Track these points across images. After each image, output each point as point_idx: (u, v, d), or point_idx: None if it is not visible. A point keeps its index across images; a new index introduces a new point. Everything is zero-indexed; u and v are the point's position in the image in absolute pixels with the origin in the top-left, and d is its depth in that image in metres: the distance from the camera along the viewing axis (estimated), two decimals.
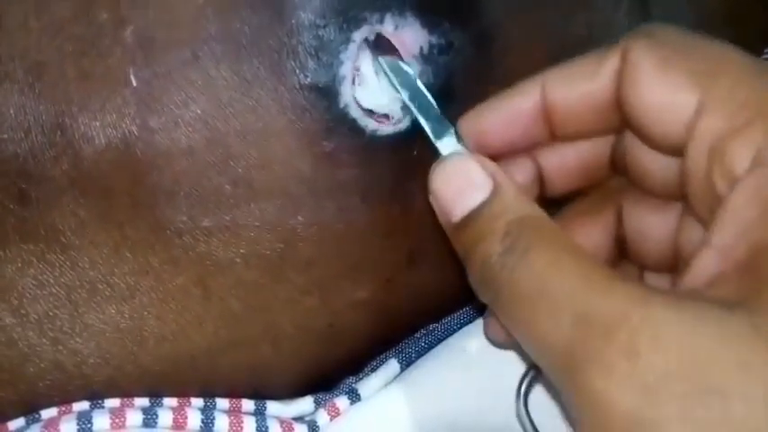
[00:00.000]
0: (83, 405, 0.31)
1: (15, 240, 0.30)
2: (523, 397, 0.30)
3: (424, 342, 0.34)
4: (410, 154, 0.31)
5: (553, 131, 0.30)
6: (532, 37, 0.33)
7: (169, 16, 0.29)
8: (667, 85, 0.26)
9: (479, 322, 0.34)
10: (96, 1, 0.29)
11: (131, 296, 0.31)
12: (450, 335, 0.35)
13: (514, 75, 0.30)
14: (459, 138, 0.29)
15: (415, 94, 0.30)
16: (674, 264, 0.30)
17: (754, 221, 0.24)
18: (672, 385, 0.22)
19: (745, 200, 0.24)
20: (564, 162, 0.31)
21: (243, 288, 0.31)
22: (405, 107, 0.30)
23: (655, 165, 0.29)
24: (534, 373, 0.30)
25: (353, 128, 0.30)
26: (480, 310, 0.35)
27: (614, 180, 0.31)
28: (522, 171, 0.31)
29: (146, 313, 0.31)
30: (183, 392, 0.32)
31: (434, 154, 0.29)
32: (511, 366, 0.32)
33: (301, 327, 0.32)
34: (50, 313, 0.30)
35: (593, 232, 0.31)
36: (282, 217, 0.30)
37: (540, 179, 0.31)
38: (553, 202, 0.31)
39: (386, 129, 0.31)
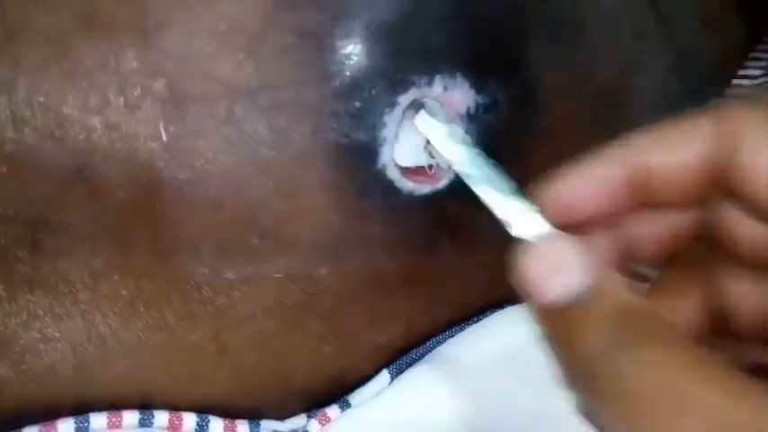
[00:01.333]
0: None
1: (23, 290, 0.28)
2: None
3: (415, 354, 0.35)
4: (443, 211, 0.31)
5: (641, 200, 0.28)
6: (568, 82, 0.32)
7: (206, 69, 0.26)
8: None
9: (466, 333, 0.35)
10: (125, 49, 0.26)
11: (142, 351, 0.30)
12: (441, 344, 0.35)
13: (555, 124, 0.30)
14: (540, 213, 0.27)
15: (485, 172, 0.27)
16: None
17: None
18: None
19: None
20: (654, 232, 0.29)
21: (260, 339, 0.30)
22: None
23: (756, 235, 0.27)
24: None
25: (389, 188, 0.29)
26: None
27: (700, 251, 0.29)
28: (609, 245, 0.28)
29: (156, 369, 0.30)
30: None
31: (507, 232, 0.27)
32: (496, 373, 0.33)
33: (314, 373, 0.32)
34: (53, 368, 0.29)
35: (684, 308, 0.29)
36: (307, 268, 0.29)
37: (627, 252, 0.29)
38: None
39: (423, 189, 0.30)
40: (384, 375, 0.34)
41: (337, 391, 0.34)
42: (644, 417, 0.22)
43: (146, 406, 0.31)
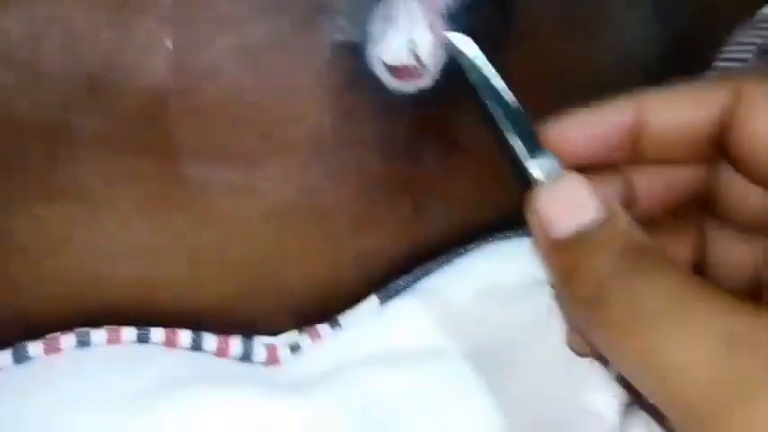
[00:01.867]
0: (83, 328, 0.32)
1: (39, 197, 0.30)
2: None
3: (403, 282, 0.36)
4: (428, 112, 0.32)
5: (640, 153, 0.29)
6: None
7: None
8: None
9: (454, 266, 0.36)
10: None
11: (149, 252, 0.31)
12: (428, 275, 0.36)
13: (533, 26, 0.31)
14: (552, 155, 0.28)
15: (508, 110, 0.29)
16: (753, 293, 0.29)
17: None
18: None
19: None
20: (654, 184, 0.31)
21: (258, 242, 0.32)
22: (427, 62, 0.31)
23: (750, 197, 0.29)
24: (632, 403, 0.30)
25: (378, 85, 0.30)
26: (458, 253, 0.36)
27: (696, 206, 0.31)
28: (612, 187, 0.30)
29: (162, 268, 0.32)
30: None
31: (521, 171, 0.29)
32: (485, 298, 0.34)
33: (308, 278, 0.33)
34: (67, 271, 0.31)
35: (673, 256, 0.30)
36: (303, 171, 0.31)
37: (630, 199, 0.30)
38: None
39: (409, 87, 0.31)
40: (373, 299, 0.35)
41: (326, 310, 0.35)
42: (651, 330, 0.23)
43: (148, 313, 0.32)
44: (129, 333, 0.32)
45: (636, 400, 0.32)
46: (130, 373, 0.31)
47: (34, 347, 0.31)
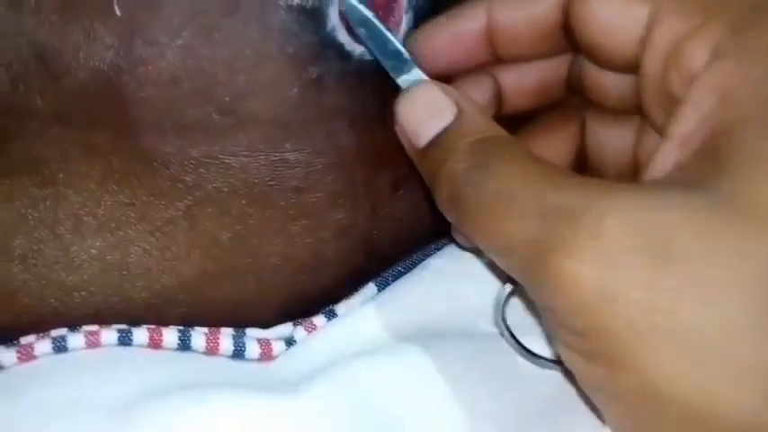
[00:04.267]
0: (60, 331, 0.32)
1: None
2: (501, 307, 0.32)
3: (402, 267, 0.35)
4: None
5: (498, 55, 0.31)
6: None
7: None
8: (616, 1, 0.28)
9: (452, 246, 0.36)
10: None
11: (117, 228, 0.31)
12: (426, 259, 0.36)
13: None
14: (421, 68, 0.31)
15: (372, 30, 0.30)
16: (634, 177, 0.31)
17: (711, 110, 0.26)
18: (636, 257, 0.23)
19: (703, 92, 0.26)
20: (522, 80, 0.32)
21: (230, 218, 0.31)
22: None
23: (609, 82, 0.30)
24: (513, 287, 0.32)
25: (341, 53, 0.30)
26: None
27: (575, 98, 0.33)
28: (481, 89, 0.32)
29: (132, 245, 0.31)
30: (165, 326, 0.32)
31: (397, 88, 0.31)
32: (482, 277, 0.34)
33: (286, 256, 0.32)
34: (35, 247, 0.30)
35: (554, 147, 0.33)
36: (271, 145, 0.30)
37: (499, 97, 0.32)
38: (513, 119, 0.32)
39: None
40: (371, 287, 0.35)
41: (316, 287, 0.34)
42: (491, 218, 0.26)
43: (114, 296, 0.31)
44: (109, 336, 0.31)
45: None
46: (112, 379, 0.30)
47: (6, 355, 0.30)
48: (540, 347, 0.33)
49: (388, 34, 0.31)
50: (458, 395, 0.31)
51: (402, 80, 0.31)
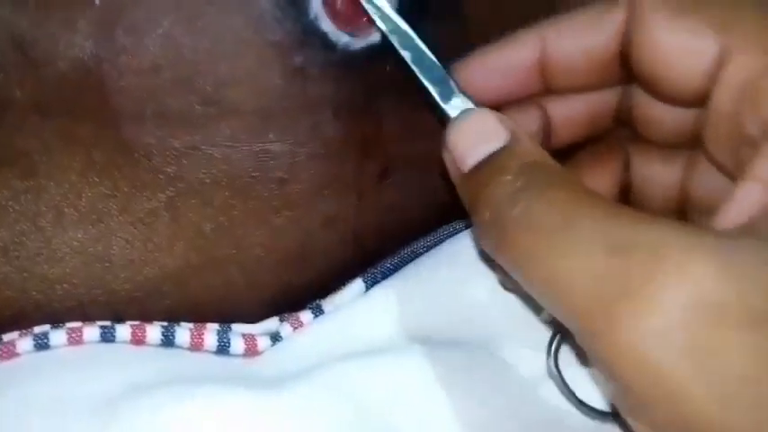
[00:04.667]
0: (44, 327, 0.31)
1: None
2: (554, 354, 0.30)
3: (390, 264, 0.35)
4: (383, 69, 0.31)
5: (550, 85, 0.30)
6: None
7: None
8: (684, 32, 0.27)
9: (447, 245, 0.35)
10: None
11: (99, 220, 0.30)
12: (417, 257, 0.35)
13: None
14: (468, 96, 0.30)
15: (418, 55, 0.30)
16: (680, 212, 0.30)
17: None
18: (729, 313, 0.21)
19: None
20: (571, 112, 0.31)
21: (213, 209, 0.31)
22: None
23: (664, 116, 0.29)
24: (563, 332, 0.31)
25: (325, 42, 0.30)
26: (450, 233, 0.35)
27: (621, 130, 0.32)
28: (529, 120, 0.31)
29: (114, 237, 0.31)
30: (149, 320, 0.32)
31: (442, 115, 0.30)
32: (474, 276, 0.33)
33: (271, 247, 0.32)
34: (16, 239, 0.30)
35: (598, 180, 0.32)
36: (253, 135, 0.30)
37: (547, 128, 0.31)
38: (558, 153, 0.31)
39: (358, 42, 0.31)
40: (358, 283, 0.35)
41: (302, 279, 0.34)
42: (542, 249, 0.24)
43: (96, 288, 0.31)
44: (91, 332, 0.31)
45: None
46: (94, 377, 0.30)
47: None
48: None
49: (434, 59, 0.30)
50: (446, 398, 0.31)
51: (449, 107, 0.30)
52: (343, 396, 0.30)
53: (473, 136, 0.28)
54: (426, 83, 0.30)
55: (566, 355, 0.31)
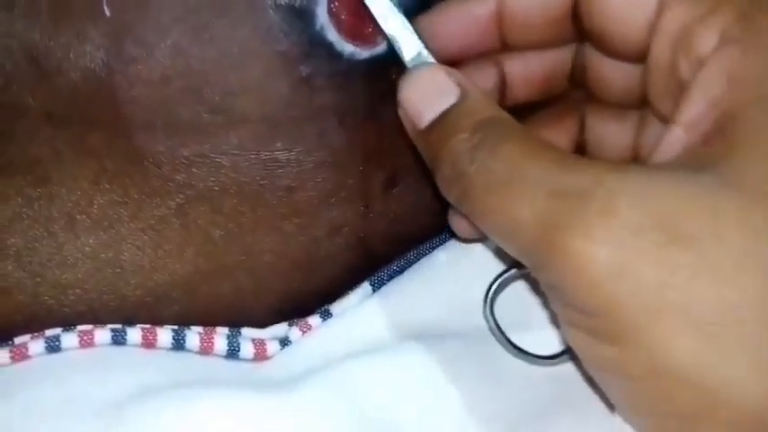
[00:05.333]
0: (55, 330, 0.32)
1: None
2: (490, 299, 0.32)
3: (397, 266, 0.35)
4: (387, 78, 0.32)
5: (507, 40, 0.31)
6: None
7: None
8: None
9: (448, 245, 0.36)
10: None
11: (110, 226, 0.31)
12: (420, 259, 0.35)
13: None
14: (430, 51, 0.31)
15: (387, 13, 0.30)
16: None
17: (719, 94, 0.26)
18: (647, 236, 0.24)
19: (712, 76, 0.26)
20: (527, 70, 0.32)
21: (222, 216, 0.31)
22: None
23: (614, 72, 0.30)
24: (503, 277, 0.32)
25: (331, 52, 0.30)
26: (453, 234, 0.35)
27: (576, 91, 0.33)
28: (484, 76, 0.32)
29: (125, 243, 0.31)
30: (159, 325, 0.33)
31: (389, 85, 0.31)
32: (479, 275, 0.33)
33: (279, 254, 0.33)
34: (29, 246, 0.30)
35: (554, 139, 0.33)
36: (261, 143, 0.31)
37: (503, 86, 0.32)
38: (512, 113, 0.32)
39: (363, 53, 0.31)
40: (365, 287, 0.35)
41: (310, 285, 0.34)
42: (497, 199, 0.26)
43: (108, 293, 0.31)
44: (102, 335, 0.31)
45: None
46: (105, 379, 0.30)
47: (0, 355, 0.31)
48: (534, 344, 0.32)
49: (402, 17, 0.31)
50: (456, 396, 0.31)
51: (408, 61, 0.30)
52: (349, 397, 0.30)
53: (425, 91, 0.29)
54: (393, 40, 0.30)
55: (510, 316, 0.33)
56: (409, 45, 0.31)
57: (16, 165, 0.30)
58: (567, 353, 0.32)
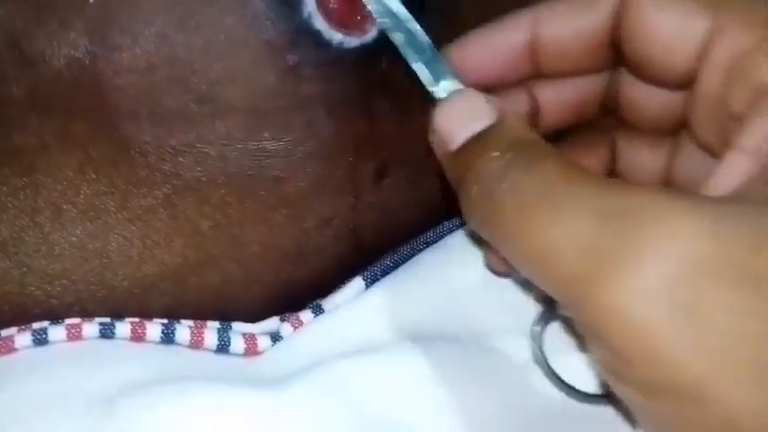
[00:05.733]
0: (42, 323, 0.31)
1: None
2: (539, 337, 0.31)
3: (390, 261, 0.35)
4: (377, 68, 0.32)
5: (541, 68, 0.30)
6: None
7: None
8: (674, 12, 0.27)
9: (443, 242, 0.35)
10: None
11: (97, 217, 0.31)
12: (416, 254, 0.35)
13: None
14: (457, 77, 0.30)
15: (410, 37, 0.30)
16: None
17: None
18: (720, 272, 0.21)
19: None
20: (559, 97, 0.31)
21: (210, 206, 0.31)
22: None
23: (650, 100, 0.30)
24: (548, 314, 0.31)
25: (318, 40, 0.30)
26: (448, 229, 0.35)
27: (608, 118, 0.32)
28: (516, 103, 0.31)
29: (112, 234, 0.31)
30: (148, 317, 0.32)
31: (429, 96, 0.30)
32: (475, 272, 0.33)
33: (268, 245, 0.32)
34: (15, 236, 0.30)
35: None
36: (248, 133, 0.30)
37: (535, 113, 0.31)
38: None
39: (352, 41, 0.31)
40: (358, 282, 0.35)
41: (300, 277, 0.34)
42: (531, 223, 0.24)
43: (95, 284, 0.31)
44: (90, 329, 0.31)
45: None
46: (93, 373, 0.30)
47: None
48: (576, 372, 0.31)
49: (427, 40, 0.30)
50: (446, 396, 0.31)
51: (438, 90, 0.29)
52: (341, 395, 0.30)
53: (461, 115, 0.28)
54: (416, 65, 0.30)
55: (554, 341, 0.31)
56: (436, 73, 0.30)
57: (2, 153, 0.30)
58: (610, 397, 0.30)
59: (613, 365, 0.23)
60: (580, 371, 0.31)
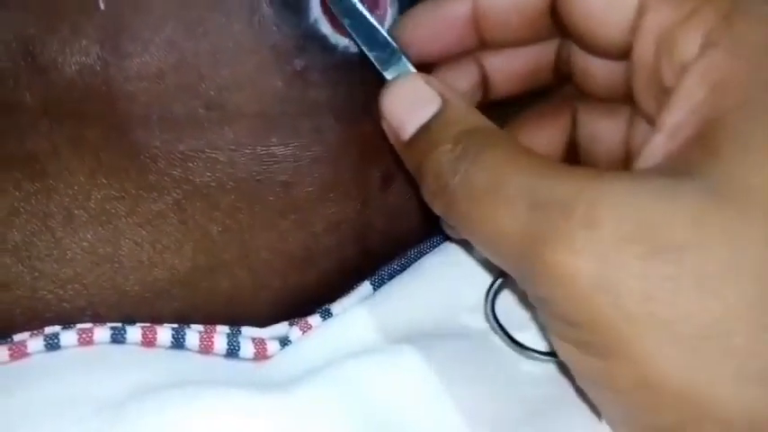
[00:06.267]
0: (54, 328, 0.32)
1: None
2: (491, 301, 0.32)
3: (397, 265, 0.35)
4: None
5: (485, 40, 0.31)
6: None
7: None
8: None
9: (448, 244, 0.36)
10: None
11: (108, 221, 0.31)
12: (423, 257, 0.35)
13: None
14: (408, 59, 0.31)
15: (358, 20, 0.30)
16: (625, 168, 0.31)
17: (702, 100, 0.25)
18: (630, 247, 0.23)
19: (695, 82, 0.26)
20: (508, 66, 0.32)
21: (220, 212, 0.31)
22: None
23: (598, 69, 0.30)
24: (502, 280, 0.32)
25: (325, 45, 0.30)
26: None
27: (567, 87, 0.32)
28: (466, 75, 0.32)
29: (123, 238, 0.32)
30: (159, 321, 0.33)
31: (383, 80, 0.31)
32: (481, 275, 0.34)
33: (277, 250, 0.33)
34: (27, 240, 0.30)
35: (545, 138, 0.33)
36: (256, 139, 0.31)
37: (485, 82, 0.32)
38: (503, 110, 0.33)
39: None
40: (366, 286, 0.35)
41: (309, 282, 0.34)
42: (480, 211, 0.26)
43: (107, 288, 0.31)
44: (102, 333, 0.31)
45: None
46: (104, 378, 0.30)
47: None
48: (534, 343, 0.32)
49: (376, 24, 0.31)
50: (454, 396, 0.31)
51: (388, 73, 0.31)
52: (350, 397, 0.30)
53: (406, 103, 0.29)
54: (365, 48, 0.30)
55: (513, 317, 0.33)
56: (386, 54, 0.30)
57: (14, 159, 0.30)
58: None
59: (556, 328, 0.26)
60: (536, 341, 0.32)
